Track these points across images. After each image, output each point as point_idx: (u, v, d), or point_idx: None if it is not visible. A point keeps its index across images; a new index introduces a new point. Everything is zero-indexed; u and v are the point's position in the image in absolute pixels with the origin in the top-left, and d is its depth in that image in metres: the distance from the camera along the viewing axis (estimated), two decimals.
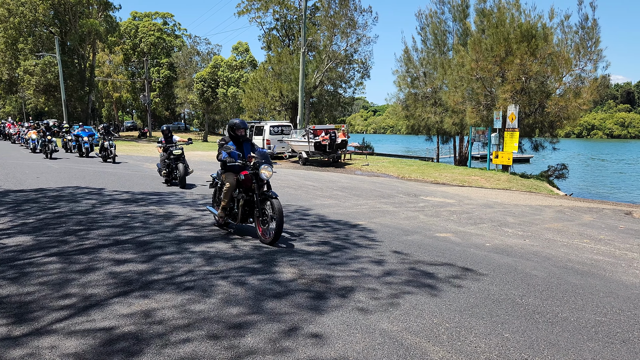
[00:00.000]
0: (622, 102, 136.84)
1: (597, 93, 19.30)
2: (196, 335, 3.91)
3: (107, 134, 21.89)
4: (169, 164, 13.69)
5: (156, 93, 71.54)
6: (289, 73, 34.85)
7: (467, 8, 26.99)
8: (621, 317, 4.58)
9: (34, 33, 49.98)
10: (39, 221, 8.25)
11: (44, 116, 69.17)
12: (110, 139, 21.66)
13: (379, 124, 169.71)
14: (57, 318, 4.18)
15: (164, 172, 13.90)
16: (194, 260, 6.03)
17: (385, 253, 6.72)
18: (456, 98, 22.10)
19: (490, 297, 5.00)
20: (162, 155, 14.04)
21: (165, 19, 77.66)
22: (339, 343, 3.84)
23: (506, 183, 16.88)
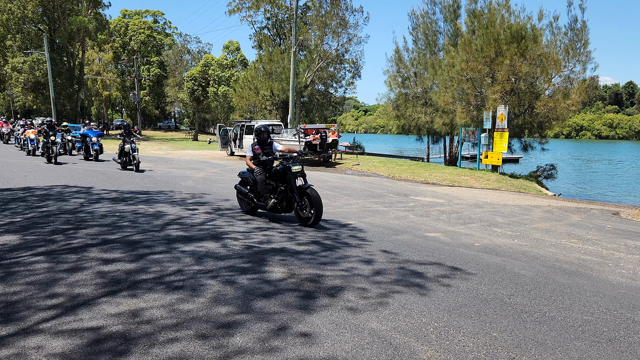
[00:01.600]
0: (611, 103, 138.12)
1: (586, 94, 19.47)
2: (185, 334, 3.89)
3: (128, 135, 17.96)
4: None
5: (146, 91, 71.14)
6: (280, 72, 34.80)
7: (458, 9, 27.11)
8: (608, 316, 4.62)
9: (22, 30, 49.46)
10: (26, 220, 8.17)
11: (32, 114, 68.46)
12: (132, 142, 17.59)
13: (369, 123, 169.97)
14: (44, 318, 4.15)
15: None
16: (183, 260, 6.00)
17: (375, 252, 6.73)
18: (446, 98, 22.19)
19: (478, 297, 5.03)
20: None
21: (155, 17, 77.26)
22: (328, 342, 3.84)
23: (495, 183, 16.98)
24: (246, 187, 9.28)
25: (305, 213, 8.18)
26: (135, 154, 17.31)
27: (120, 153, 17.83)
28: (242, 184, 9.40)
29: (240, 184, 9.45)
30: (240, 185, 9.40)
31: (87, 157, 21.69)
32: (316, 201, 8.03)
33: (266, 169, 8.76)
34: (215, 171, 18.67)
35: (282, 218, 9.06)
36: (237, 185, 9.48)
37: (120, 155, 17.87)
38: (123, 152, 17.71)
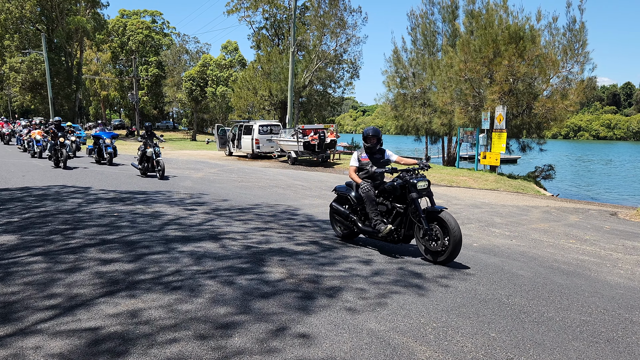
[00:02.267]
0: (608, 104, 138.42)
1: (584, 95, 19.50)
2: (183, 335, 3.89)
3: (150, 138, 15.93)
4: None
5: (144, 91, 71.07)
6: (279, 72, 34.79)
7: (457, 9, 27.12)
8: (606, 316, 4.63)
9: (20, 30, 49.41)
10: (24, 220, 8.15)
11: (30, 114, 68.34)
12: (155, 145, 15.50)
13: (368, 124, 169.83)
14: (42, 318, 4.14)
15: None
16: (182, 260, 5.99)
17: (373, 253, 6.73)
18: (445, 99, 22.20)
19: (477, 297, 5.03)
20: None
21: (153, 17, 77.24)
22: (327, 343, 3.84)
23: (494, 183, 17.00)
24: (344, 205, 7.44)
25: (436, 245, 6.19)
26: (159, 159, 15.25)
27: (141, 158, 15.77)
28: (340, 202, 7.55)
29: (336, 201, 7.59)
30: (337, 204, 7.51)
31: (100, 160, 19.68)
32: (453, 231, 5.97)
33: (375, 184, 6.96)
34: (213, 171, 18.66)
35: (394, 249, 7.07)
36: (333, 203, 7.61)
37: (142, 161, 15.80)
38: (145, 157, 15.69)
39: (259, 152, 26.77)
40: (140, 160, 15.82)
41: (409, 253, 6.80)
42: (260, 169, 20.55)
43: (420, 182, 6.42)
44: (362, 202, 6.92)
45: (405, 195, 6.53)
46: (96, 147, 19.76)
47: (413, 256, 6.63)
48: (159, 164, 15.19)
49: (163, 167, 15.14)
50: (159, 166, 15.16)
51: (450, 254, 6.05)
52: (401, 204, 6.60)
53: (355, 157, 7.21)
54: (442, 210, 6.22)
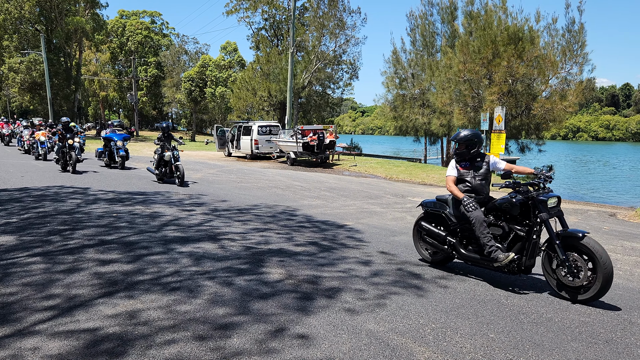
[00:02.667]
0: (607, 104, 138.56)
1: (583, 96, 19.52)
2: (182, 336, 3.89)
3: (168, 140, 14.34)
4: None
5: (143, 92, 71.05)
6: (278, 73, 34.80)
7: (455, 10, 27.17)
8: (605, 317, 4.63)
9: (19, 30, 49.35)
10: (23, 221, 8.14)
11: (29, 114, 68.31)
12: (174, 148, 14.03)
13: (367, 124, 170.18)
14: (41, 319, 4.13)
15: None
16: (181, 261, 5.99)
17: (373, 254, 6.73)
18: (444, 99, 22.22)
19: (475, 298, 5.03)
20: None
21: (153, 17, 77.23)
22: (326, 344, 3.84)
23: None
24: (438, 226, 6.12)
25: (576, 280, 4.94)
26: (178, 164, 13.81)
27: (158, 162, 14.33)
28: (430, 220, 6.24)
29: (426, 219, 6.29)
30: (427, 223, 6.22)
31: (111, 163, 18.30)
32: (602, 262, 4.75)
33: (479, 198, 5.79)
34: (212, 172, 18.65)
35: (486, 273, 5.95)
36: (422, 222, 6.29)
37: (158, 165, 14.34)
38: (162, 162, 14.24)
39: (258, 152, 26.76)
40: (157, 164, 14.39)
41: (408, 253, 6.79)
42: (259, 170, 20.55)
43: (551, 199, 5.26)
44: (464, 222, 5.69)
45: (525, 214, 5.37)
46: (107, 150, 18.36)
47: (412, 257, 6.63)
48: (179, 169, 13.73)
49: (183, 172, 13.76)
50: (178, 172, 13.72)
51: (598, 291, 4.80)
52: (519, 225, 5.38)
53: (453, 165, 5.97)
54: (584, 235, 4.95)
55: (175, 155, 13.88)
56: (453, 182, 5.86)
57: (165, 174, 14.31)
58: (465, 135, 5.79)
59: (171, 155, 13.82)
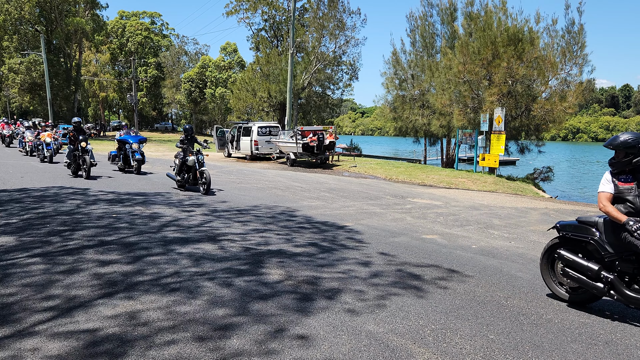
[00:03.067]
0: (607, 105, 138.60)
1: (583, 97, 19.54)
2: (181, 337, 3.88)
3: (191, 142, 13.13)
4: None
5: (143, 93, 71.09)
6: (278, 74, 34.81)
7: (455, 11, 27.16)
8: (604, 319, 4.63)
9: (19, 31, 49.39)
10: (23, 221, 8.14)
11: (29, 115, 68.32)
12: (198, 152, 12.66)
13: (367, 125, 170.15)
14: (40, 320, 4.13)
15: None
16: (180, 262, 5.99)
17: (372, 255, 6.73)
18: (443, 100, 22.22)
19: (475, 299, 5.03)
20: None
21: (153, 18, 77.27)
22: (325, 345, 3.84)
23: (492, 185, 17.00)
24: (590, 259, 4.76)
25: None
26: (204, 169, 12.44)
27: (180, 167, 13.05)
28: (570, 248, 4.97)
29: (564, 245, 5.04)
30: (568, 252, 4.92)
31: (125, 168, 16.98)
32: None
33: None
34: (212, 173, 18.64)
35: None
36: (558, 249, 5.02)
37: (180, 171, 13.05)
38: (185, 167, 12.94)
39: (257, 153, 26.76)
40: (178, 170, 13.09)
41: (408, 254, 6.79)
42: (259, 171, 20.55)
43: None
44: (627, 253, 4.47)
45: None
46: (121, 153, 16.92)
47: (411, 258, 6.63)
48: (204, 175, 12.38)
49: (209, 179, 12.36)
50: (204, 178, 12.37)
51: None
52: None
53: (609, 178, 4.74)
54: None
55: (200, 160, 12.50)
56: (609, 201, 4.61)
57: (187, 181, 12.93)
58: (626, 140, 4.54)
59: (195, 160, 12.49)
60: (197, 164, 12.47)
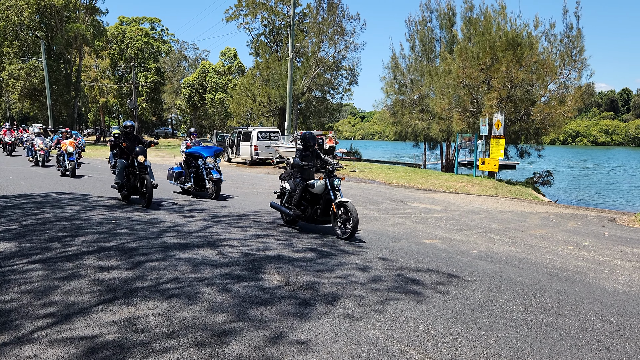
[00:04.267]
0: (606, 109, 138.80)
1: (582, 101, 19.56)
2: (180, 343, 3.88)
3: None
4: None
5: (143, 98, 71.19)
6: (277, 79, 34.89)
7: (454, 16, 27.21)
8: (604, 323, 4.62)
9: (19, 37, 49.53)
10: (22, 227, 8.14)
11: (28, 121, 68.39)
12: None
13: (366, 130, 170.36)
14: (39, 326, 4.12)
15: None
16: (180, 267, 5.98)
17: (372, 259, 6.72)
18: (443, 105, 22.24)
19: (475, 304, 5.02)
20: None
21: (152, 24, 77.47)
22: (325, 350, 3.83)
23: (492, 189, 17.01)
24: None
25: None
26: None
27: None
28: None
29: None
30: None
31: (197, 190, 12.88)
32: None
33: None
34: None
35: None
36: None
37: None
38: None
39: (257, 158, 26.79)
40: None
41: (408, 259, 6.79)
42: (258, 176, 20.55)
43: None
44: None
45: None
46: (191, 171, 12.81)
47: (411, 263, 6.62)
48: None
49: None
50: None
51: None
52: None
53: None
54: None
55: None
56: None
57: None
58: None
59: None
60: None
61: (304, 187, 8.61)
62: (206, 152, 12.68)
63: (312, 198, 8.63)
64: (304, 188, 8.60)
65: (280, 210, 9.18)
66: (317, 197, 8.55)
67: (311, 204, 8.61)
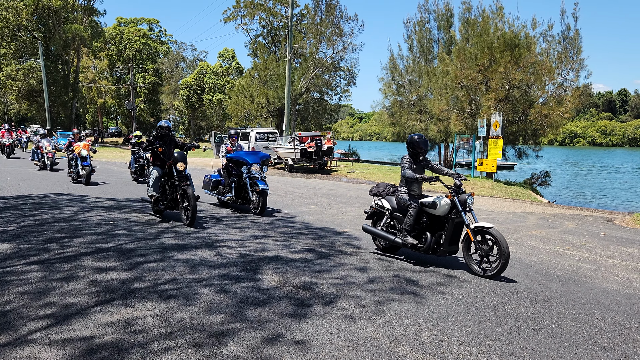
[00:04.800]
0: (604, 110, 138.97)
1: (580, 101, 19.59)
2: (178, 344, 3.87)
3: None
4: None
5: (141, 99, 71.07)
6: (275, 80, 34.89)
7: (452, 17, 27.24)
8: (602, 323, 4.63)
9: (16, 38, 49.39)
10: (20, 228, 8.12)
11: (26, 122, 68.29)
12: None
13: (365, 131, 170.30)
14: (37, 328, 4.12)
15: None
16: (177, 268, 5.98)
17: (370, 260, 6.72)
18: (441, 106, 22.26)
19: (473, 305, 5.03)
20: None
21: (150, 24, 77.35)
22: (323, 351, 3.83)
23: (490, 190, 17.02)
24: None
25: None
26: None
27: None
28: None
29: None
30: None
31: (238, 202, 10.87)
32: None
33: None
34: None
35: None
36: None
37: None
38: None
39: None
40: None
41: (404, 261, 6.79)
42: None
43: None
44: None
45: None
46: (233, 181, 10.87)
47: (408, 264, 6.62)
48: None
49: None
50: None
51: None
52: None
53: None
54: None
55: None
56: None
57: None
58: None
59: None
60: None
61: (420, 207, 6.68)
62: (251, 158, 10.71)
63: (432, 222, 6.65)
64: (419, 209, 6.67)
65: (382, 238, 7.04)
66: (438, 221, 6.61)
67: (430, 229, 6.60)
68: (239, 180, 10.74)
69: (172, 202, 9.34)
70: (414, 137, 6.94)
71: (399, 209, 6.90)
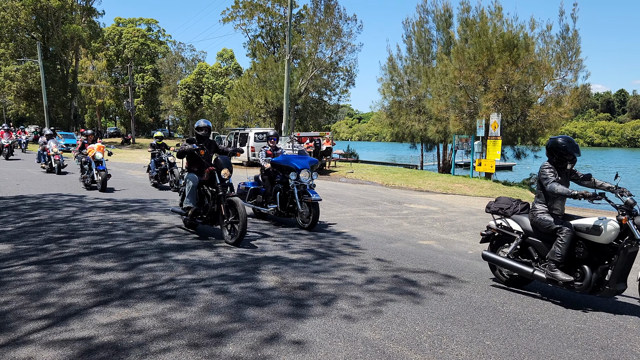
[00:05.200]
0: (602, 111, 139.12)
1: (578, 102, 19.63)
2: (177, 344, 3.87)
3: None
4: None
5: (140, 99, 71.10)
6: (274, 80, 34.86)
7: (450, 17, 27.27)
8: (600, 323, 4.63)
9: (15, 38, 49.32)
10: (18, 229, 8.11)
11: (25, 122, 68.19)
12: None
13: (363, 131, 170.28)
14: (35, 328, 4.11)
15: None
16: (176, 269, 5.97)
17: (369, 261, 6.73)
18: (440, 106, 22.28)
19: (472, 305, 5.03)
20: None
21: (149, 25, 77.32)
22: (321, 352, 3.83)
23: (489, 191, 17.03)
24: None
25: None
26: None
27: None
28: None
29: None
30: None
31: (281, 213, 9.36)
32: None
33: None
34: None
35: None
36: None
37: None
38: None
39: (254, 159, 26.75)
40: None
41: (404, 260, 6.79)
42: None
43: None
44: None
45: None
46: (278, 189, 9.38)
47: (408, 264, 6.62)
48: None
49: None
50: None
51: None
52: None
53: None
54: None
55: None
56: None
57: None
58: None
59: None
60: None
61: (574, 233, 5.11)
62: (299, 163, 9.26)
63: (590, 251, 5.05)
64: (573, 235, 5.11)
65: (511, 269, 5.53)
66: (598, 250, 5.01)
67: (587, 262, 5.04)
68: (285, 188, 9.29)
69: (212, 215, 7.78)
70: (559, 140, 5.34)
71: (536, 232, 5.42)
